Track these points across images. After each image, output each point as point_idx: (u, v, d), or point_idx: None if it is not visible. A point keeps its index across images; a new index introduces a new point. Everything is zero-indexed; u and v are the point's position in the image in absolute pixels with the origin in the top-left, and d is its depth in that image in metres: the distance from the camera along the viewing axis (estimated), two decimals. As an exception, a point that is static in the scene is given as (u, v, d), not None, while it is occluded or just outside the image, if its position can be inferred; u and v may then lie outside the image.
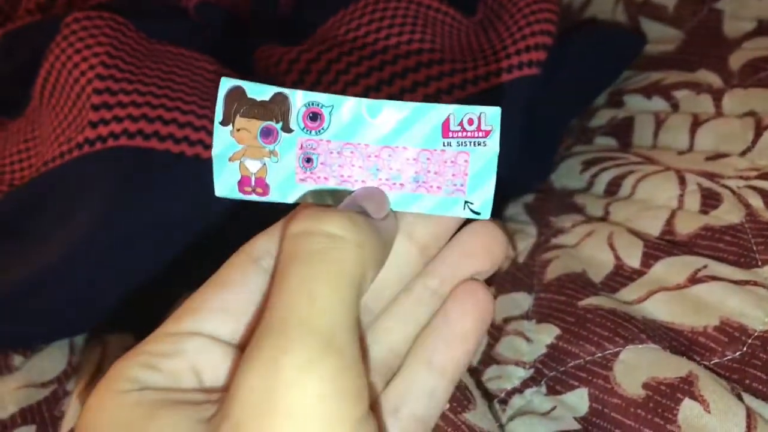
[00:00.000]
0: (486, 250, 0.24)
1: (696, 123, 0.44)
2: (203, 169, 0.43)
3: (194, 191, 0.43)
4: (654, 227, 0.38)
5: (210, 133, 0.44)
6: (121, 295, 0.43)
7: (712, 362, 0.30)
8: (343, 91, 0.46)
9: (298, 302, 0.18)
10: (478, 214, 0.23)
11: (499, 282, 0.39)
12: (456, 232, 0.25)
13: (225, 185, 0.23)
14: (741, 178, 0.38)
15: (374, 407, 0.22)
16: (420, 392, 0.23)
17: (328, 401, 0.17)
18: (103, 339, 0.42)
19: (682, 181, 0.40)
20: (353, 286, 0.19)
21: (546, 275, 0.38)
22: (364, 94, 0.46)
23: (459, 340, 0.23)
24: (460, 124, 0.22)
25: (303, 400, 0.17)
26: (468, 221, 0.24)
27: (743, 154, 0.41)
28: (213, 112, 0.46)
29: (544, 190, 0.48)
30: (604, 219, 0.41)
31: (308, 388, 0.17)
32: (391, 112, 0.22)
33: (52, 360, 0.42)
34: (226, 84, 0.22)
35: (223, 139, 0.22)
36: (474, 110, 0.22)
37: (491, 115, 0.22)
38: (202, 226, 0.44)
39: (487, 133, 0.22)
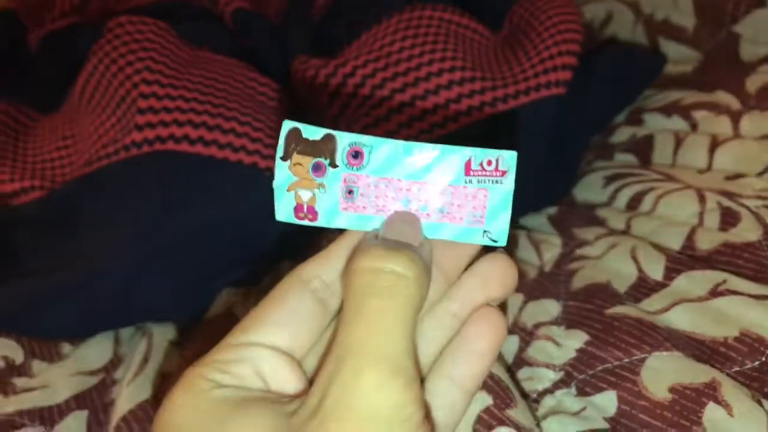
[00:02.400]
0: (500, 280, 0.27)
1: (715, 143, 0.47)
2: (247, 174, 0.45)
3: (238, 196, 0.45)
4: (675, 242, 0.40)
5: (252, 140, 0.47)
6: (166, 292, 0.45)
7: (733, 370, 0.32)
8: (379, 104, 0.49)
9: (374, 332, 0.22)
10: (495, 241, 0.26)
11: (528, 290, 0.41)
12: (474, 260, 0.28)
13: (284, 211, 0.26)
14: (759, 198, 0.41)
15: (427, 415, 0.25)
16: (441, 403, 0.26)
17: (398, 408, 0.22)
18: (146, 330, 0.44)
19: (702, 200, 0.42)
20: (415, 316, 0.23)
21: (572, 284, 0.40)
22: (398, 108, 0.48)
23: (477, 358, 0.27)
24: (480, 164, 0.25)
25: (378, 408, 0.21)
26: (486, 249, 0.27)
27: (760, 174, 0.43)
28: (255, 119, 0.49)
29: (567, 203, 0.50)
30: (625, 232, 0.44)
31: (382, 399, 0.21)
32: (422, 152, 0.25)
33: (98, 349, 0.44)
34: (287, 126, 0.25)
35: (282, 172, 0.26)
36: (493, 153, 0.25)
37: (508, 157, 0.25)
38: (242, 229, 0.46)
39: (504, 173, 0.25)
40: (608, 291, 0.39)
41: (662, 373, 0.32)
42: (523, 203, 0.50)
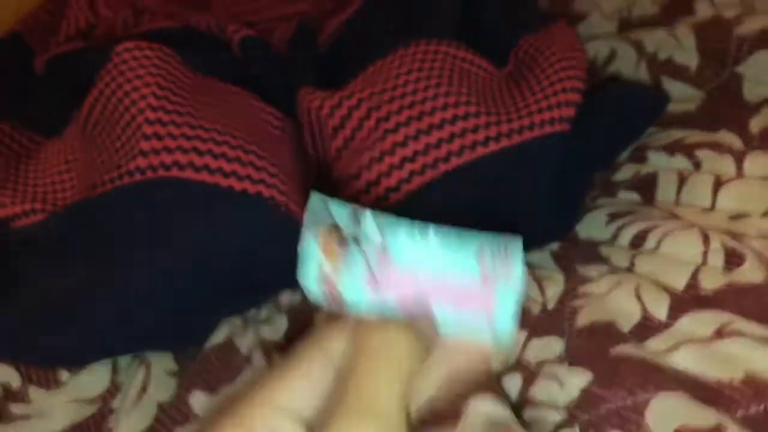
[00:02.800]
0: None
1: (718, 183, 0.47)
2: (250, 203, 0.45)
3: (242, 224, 0.45)
4: (679, 281, 0.40)
5: (257, 168, 0.47)
6: (167, 318, 0.44)
7: (738, 414, 0.32)
8: (383, 138, 0.49)
9: (366, 391, 0.24)
10: (501, 341, 0.25)
11: (532, 326, 0.41)
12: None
13: (307, 278, 0.26)
14: (763, 238, 0.41)
15: None
16: None
17: None
18: (144, 359, 0.44)
19: (706, 239, 0.42)
20: (404, 377, 0.24)
21: (576, 322, 0.40)
22: (403, 142, 0.48)
23: None
24: (492, 256, 0.24)
25: None
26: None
27: (765, 215, 0.43)
28: (260, 148, 0.48)
29: (569, 239, 0.50)
30: (629, 270, 0.43)
31: None
32: (438, 239, 0.25)
33: (96, 377, 0.43)
34: (315, 198, 0.26)
35: (308, 243, 0.26)
36: (501, 243, 0.24)
37: (513, 250, 0.24)
38: (245, 257, 0.46)
39: (512, 268, 0.24)
40: (612, 330, 0.38)
41: (668, 415, 0.32)
42: (526, 239, 0.49)
